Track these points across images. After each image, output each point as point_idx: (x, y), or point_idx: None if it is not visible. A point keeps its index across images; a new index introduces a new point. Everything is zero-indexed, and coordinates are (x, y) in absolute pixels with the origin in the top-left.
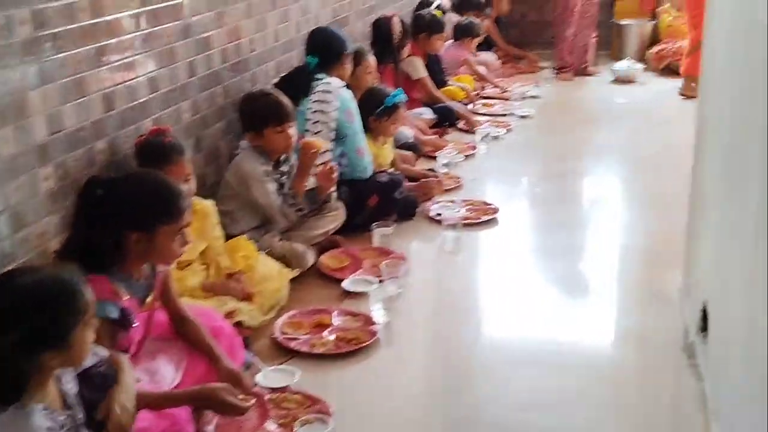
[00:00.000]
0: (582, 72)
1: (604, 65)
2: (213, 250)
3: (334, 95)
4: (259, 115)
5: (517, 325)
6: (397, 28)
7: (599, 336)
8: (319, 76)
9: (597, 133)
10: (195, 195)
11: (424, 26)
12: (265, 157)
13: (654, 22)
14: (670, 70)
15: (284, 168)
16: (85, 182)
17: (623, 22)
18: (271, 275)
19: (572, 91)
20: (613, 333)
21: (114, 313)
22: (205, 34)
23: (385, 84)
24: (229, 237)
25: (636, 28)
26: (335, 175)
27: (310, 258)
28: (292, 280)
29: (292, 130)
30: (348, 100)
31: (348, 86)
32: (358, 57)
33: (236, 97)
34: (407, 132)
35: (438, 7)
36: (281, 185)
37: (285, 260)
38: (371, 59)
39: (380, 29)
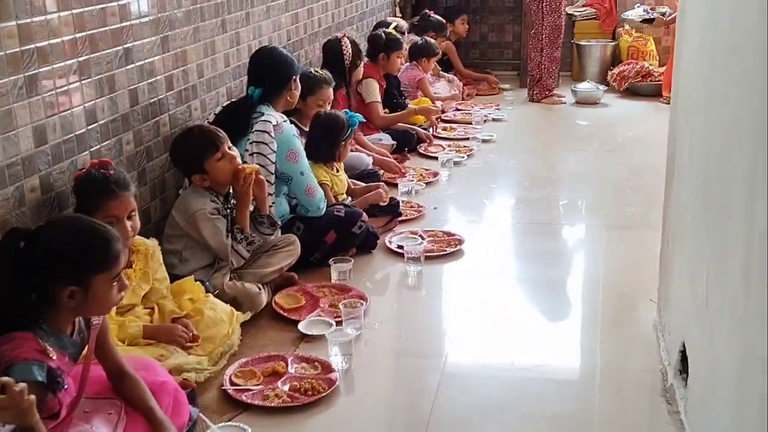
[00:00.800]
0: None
1: (565, 86)
2: (157, 292)
3: (274, 135)
4: (193, 154)
5: (483, 369)
6: (348, 49)
7: (571, 381)
8: (260, 109)
9: (561, 156)
10: (138, 233)
11: (381, 46)
12: (212, 192)
13: (615, 42)
14: (632, 92)
15: (234, 201)
16: (6, 234)
17: (584, 42)
18: (220, 319)
19: (535, 113)
20: (585, 377)
21: (40, 376)
22: (149, 60)
23: (336, 109)
24: (176, 278)
25: (597, 48)
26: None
27: (264, 299)
28: (244, 323)
29: (233, 150)
30: (290, 138)
31: (296, 110)
32: (312, 84)
33: (182, 126)
34: (366, 158)
35: (395, 29)
36: (233, 220)
37: (236, 302)
38: (329, 92)
39: (330, 51)
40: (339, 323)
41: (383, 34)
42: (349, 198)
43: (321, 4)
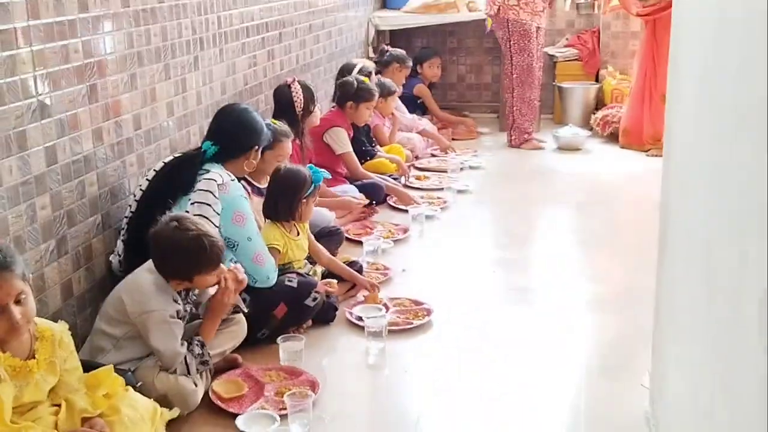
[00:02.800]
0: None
1: (548, 130)
2: (66, 386)
3: (218, 195)
4: (187, 265)
5: None
6: (299, 95)
7: None
8: (207, 166)
9: (542, 210)
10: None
11: (351, 94)
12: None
13: (598, 85)
14: (616, 137)
15: (193, 297)
16: None
17: (566, 84)
18: (140, 418)
19: (514, 160)
20: None
21: None
22: (71, 112)
23: (288, 160)
24: (98, 366)
25: (579, 91)
26: (241, 277)
27: (199, 396)
28: (172, 420)
29: (222, 267)
30: (236, 199)
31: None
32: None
33: (114, 184)
34: (328, 215)
35: (361, 71)
36: (188, 319)
37: (166, 399)
38: (288, 145)
39: (281, 98)
40: (285, 416)
41: (355, 82)
42: (308, 264)
43: (283, 46)
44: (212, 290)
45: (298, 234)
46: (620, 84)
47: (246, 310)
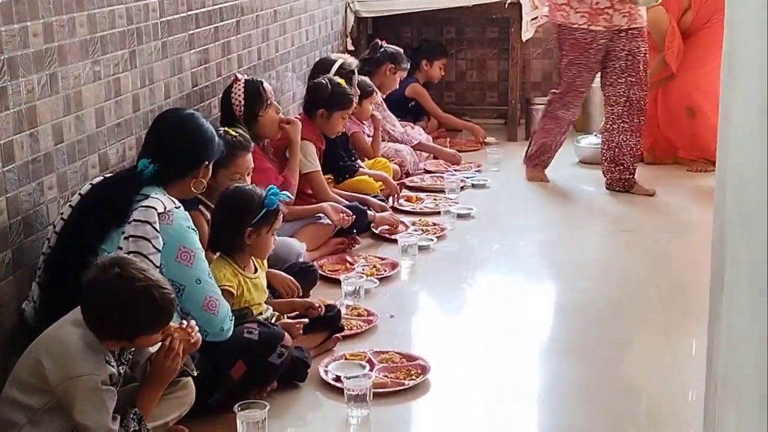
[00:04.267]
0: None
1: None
2: None
3: (159, 227)
4: (128, 325)
5: None
6: (238, 95)
7: None
8: (145, 191)
9: (563, 239)
10: None
11: (324, 99)
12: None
13: None
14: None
15: (129, 356)
16: None
17: None
18: None
19: (523, 176)
20: None
21: None
22: None
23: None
24: None
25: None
26: (195, 338)
27: None
28: None
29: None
30: (182, 232)
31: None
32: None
33: (28, 213)
34: (297, 246)
35: (341, 68)
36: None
37: None
38: (247, 159)
39: (223, 100)
40: None
41: (329, 85)
42: (269, 309)
43: (242, 38)
44: (153, 347)
45: (256, 271)
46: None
47: (195, 373)
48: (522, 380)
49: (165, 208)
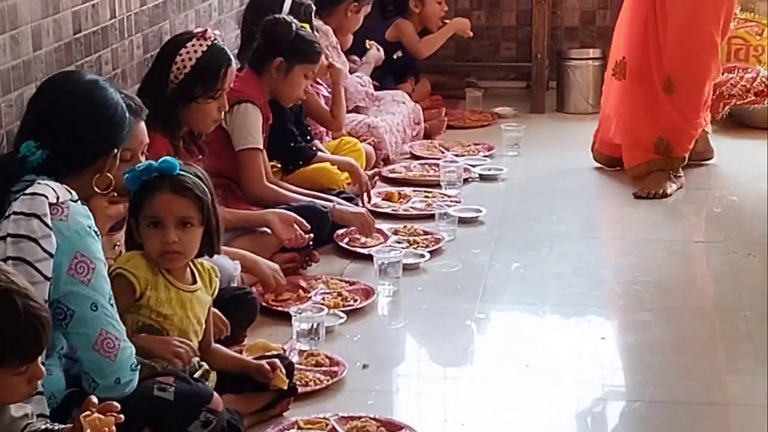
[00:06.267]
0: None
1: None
2: None
3: (51, 222)
4: None
5: None
6: (188, 60)
7: None
8: (29, 176)
9: (607, 251)
10: None
11: (280, 46)
12: None
13: None
14: (737, 121)
15: None
16: None
17: None
18: None
19: (558, 163)
20: None
21: None
22: None
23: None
24: None
25: None
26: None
27: None
28: None
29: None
30: (80, 232)
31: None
32: None
33: None
34: (229, 265)
35: (296, 7)
36: None
37: None
38: (141, 128)
39: (162, 56)
40: None
41: (293, 26)
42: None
43: None
44: (14, 410)
45: (195, 282)
46: (742, 29)
47: None
48: None
49: (58, 197)
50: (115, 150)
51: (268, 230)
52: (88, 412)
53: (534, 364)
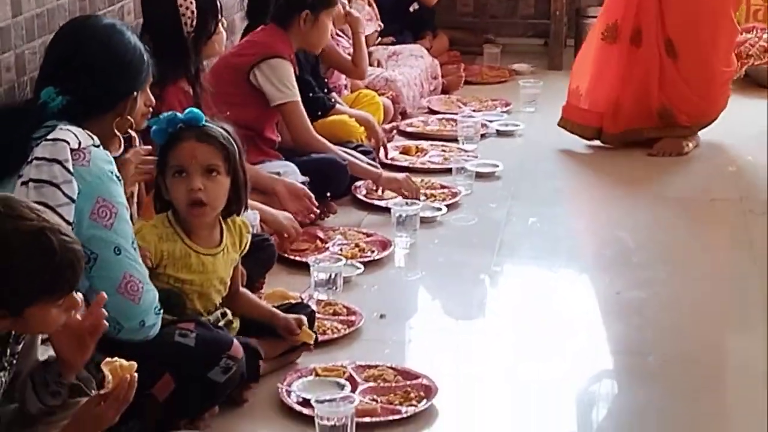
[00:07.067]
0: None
1: None
2: None
3: (72, 168)
4: (12, 284)
5: None
6: (189, 3)
7: None
8: (51, 122)
9: (623, 212)
10: None
11: (297, 2)
12: None
13: None
14: (756, 81)
15: (10, 358)
16: None
17: None
18: None
19: None
20: None
21: None
22: None
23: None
24: None
25: None
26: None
27: None
28: None
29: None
30: (103, 177)
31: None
32: None
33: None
34: (247, 213)
35: None
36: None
37: None
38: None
39: (153, 6)
40: None
41: None
42: (229, 313)
43: None
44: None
45: (221, 242)
46: None
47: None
48: (562, 409)
49: (79, 143)
50: (135, 93)
51: (288, 177)
52: (110, 359)
53: (548, 317)
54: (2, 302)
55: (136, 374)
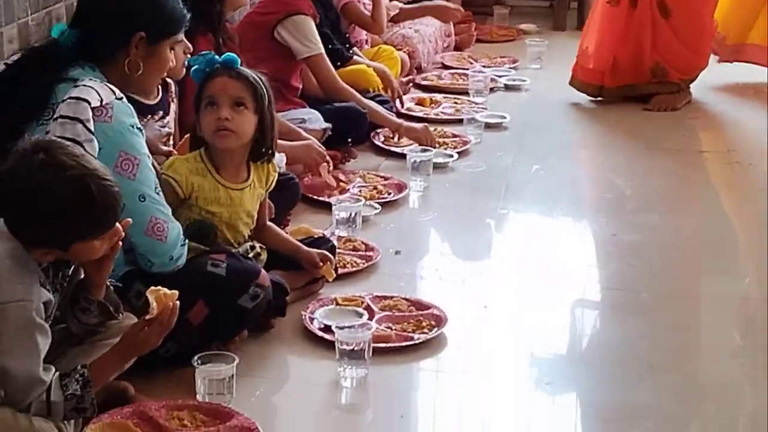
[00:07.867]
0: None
1: None
2: None
3: (93, 125)
4: (59, 224)
5: None
6: None
7: None
8: (73, 73)
9: (621, 161)
10: None
11: None
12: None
13: None
14: None
15: (62, 281)
16: None
17: None
18: None
19: None
20: None
21: None
22: None
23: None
24: None
25: None
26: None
27: None
28: None
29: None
30: (123, 132)
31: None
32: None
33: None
34: (276, 156)
35: None
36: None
37: None
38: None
39: None
40: None
41: None
42: (257, 245)
43: None
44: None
45: (248, 178)
46: None
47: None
48: (562, 340)
49: (101, 100)
50: (141, 32)
51: (311, 124)
52: (154, 287)
53: (548, 259)
54: (50, 242)
55: (178, 302)
